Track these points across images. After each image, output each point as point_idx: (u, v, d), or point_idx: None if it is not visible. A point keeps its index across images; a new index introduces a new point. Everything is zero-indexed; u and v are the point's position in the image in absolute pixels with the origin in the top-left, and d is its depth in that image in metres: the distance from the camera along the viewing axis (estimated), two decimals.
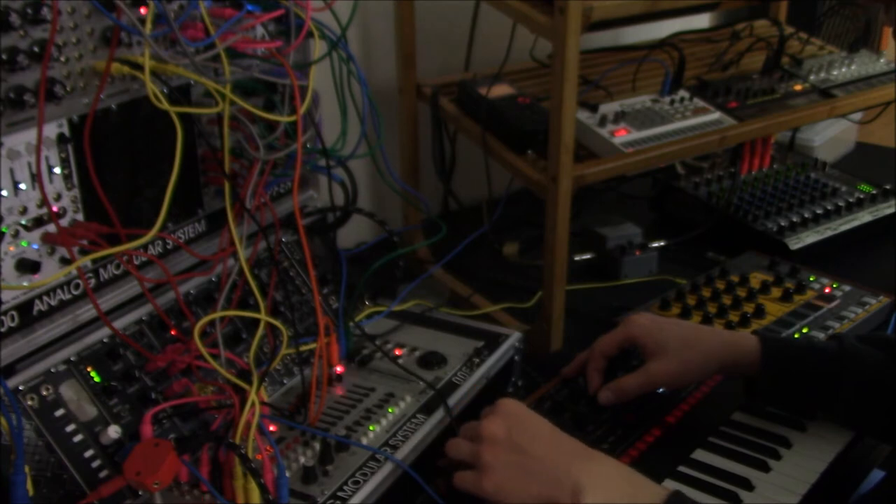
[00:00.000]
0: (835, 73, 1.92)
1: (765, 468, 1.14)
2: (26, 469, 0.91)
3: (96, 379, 1.04)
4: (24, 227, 0.96)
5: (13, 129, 0.92)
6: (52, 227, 0.98)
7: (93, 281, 1.06)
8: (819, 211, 1.86)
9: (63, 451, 0.97)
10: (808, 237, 1.79)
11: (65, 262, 1.00)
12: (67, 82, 0.97)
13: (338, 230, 1.38)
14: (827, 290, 1.58)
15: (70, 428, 0.99)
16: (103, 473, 0.99)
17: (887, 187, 1.97)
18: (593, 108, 1.62)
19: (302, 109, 1.11)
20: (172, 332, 1.13)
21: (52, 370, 1.01)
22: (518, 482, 0.97)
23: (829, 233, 1.81)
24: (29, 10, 0.91)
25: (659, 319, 1.25)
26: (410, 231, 1.77)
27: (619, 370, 1.26)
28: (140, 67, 0.98)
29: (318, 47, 1.13)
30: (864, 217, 1.88)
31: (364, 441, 1.10)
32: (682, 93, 1.73)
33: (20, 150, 0.94)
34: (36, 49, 0.92)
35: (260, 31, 1.16)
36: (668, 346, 1.20)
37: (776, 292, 1.57)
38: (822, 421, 1.22)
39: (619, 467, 0.98)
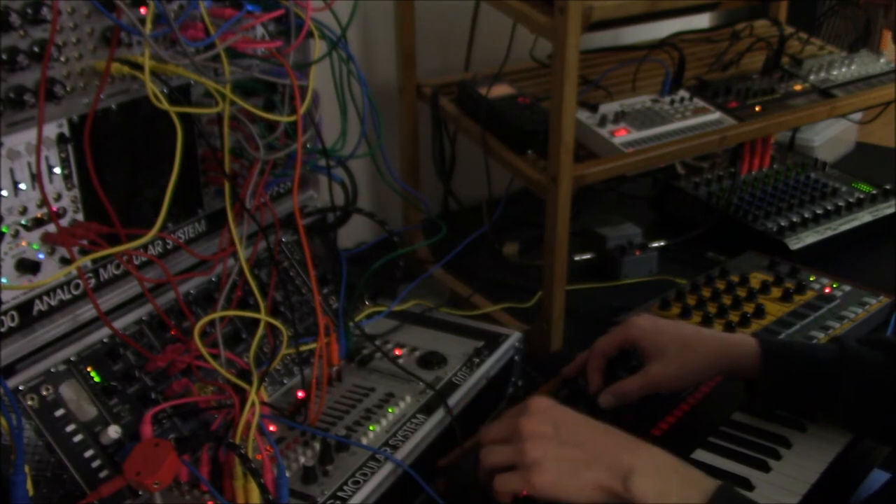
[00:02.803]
0: (835, 73, 1.92)
1: (765, 468, 1.14)
2: (26, 469, 0.91)
3: (96, 379, 1.04)
4: (24, 227, 0.96)
5: (13, 129, 0.92)
6: (52, 227, 0.98)
7: (93, 281, 1.06)
8: (819, 211, 1.86)
9: (63, 451, 0.97)
10: (808, 237, 1.79)
11: (65, 262, 1.00)
12: (67, 82, 0.97)
13: (338, 230, 1.38)
14: (827, 290, 1.58)
15: (70, 428, 0.99)
16: (103, 473, 0.99)
17: (887, 187, 1.97)
18: (593, 108, 1.62)
19: (302, 109, 1.11)
20: (172, 332, 1.13)
21: (52, 370, 1.01)
22: (570, 474, 0.97)
23: (829, 233, 1.81)
24: (29, 10, 0.91)
25: (659, 321, 1.25)
26: (410, 231, 1.77)
27: (620, 370, 1.26)
28: (140, 67, 0.98)
29: (318, 47, 1.13)
30: (864, 217, 1.88)
31: (364, 441, 1.10)
32: (682, 93, 1.73)
33: (20, 150, 0.94)
34: (36, 49, 0.92)
35: (260, 31, 1.16)
36: (667, 348, 1.20)
37: (776, 292, 1.57)
38: (822, 421, 1.22)
39: (667, 455, 0.99)
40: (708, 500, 0.93)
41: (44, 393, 0.99)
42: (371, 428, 1.12)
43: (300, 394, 1.16)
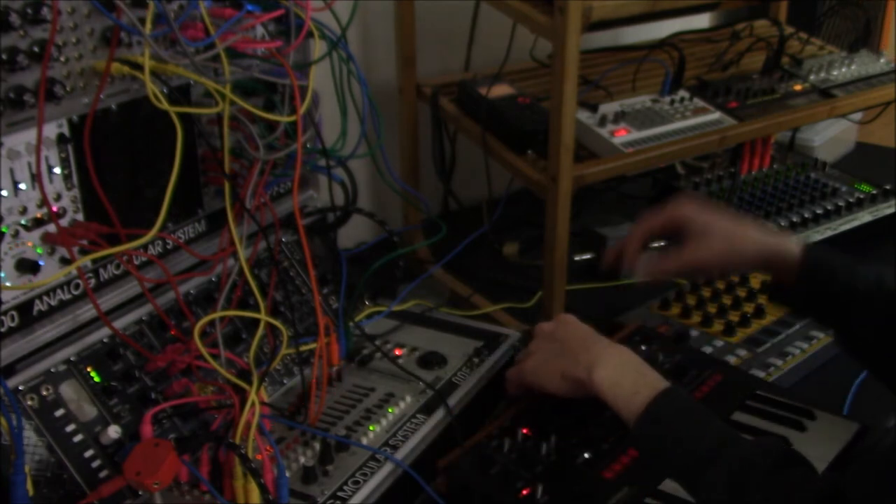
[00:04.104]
0: (835, 73, 1.92)
1: None
2: (26, 469, 0.91)
3: (96, 379, 1.04)
4: (24, 227, 0.96)
5: (13, 129, 0.92)
6: (52, 227, 0.98)
7: (93, 281, 1.06)
8: (819, 211, 1.86)
9: (63, 451, 0.97)
10: (808, 237, 1.78)
11: (65, 262, 1.00)
12: (67, 82, 0.97)
13: (338, 230, 1.38)
14: None
15: (70, 428, 0.99)
16: (103, 473, 0.99)
17: (887, 187, 1.97)
18: (593, 108, 1.62)
19: (302, 109, 1.11)
20: (172, 332, 1.13)
21: (52, 370, 1.01)
22: (547, 362, 1.17)
23: (829, 233, 1.81)
24: (29, 10, 0.91)
25: (706, 208, 1.23)
26: (410, 231, 1.77)
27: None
28: (140, 67, 0.98)
29: (318, 47, 1.13)
30: (864, 217, 1.87)
31: (364, 441, 1.10)
32: (682, 93, 1.72)
33: (20, 150, 0.94)
34: (36, 49, 0.92)
35: (260, 31, 1.16)
36: (714, 228, 1.19)
37: None
38: (822, 421, 1.22)
39: (634, 356, 1.12)
40: (653, 396, 1.03)
41: (44, 393, 0.99)
42: (371, 428, 1.12)
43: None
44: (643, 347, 1.33)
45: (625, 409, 1.05)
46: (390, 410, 1.16)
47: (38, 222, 0.98)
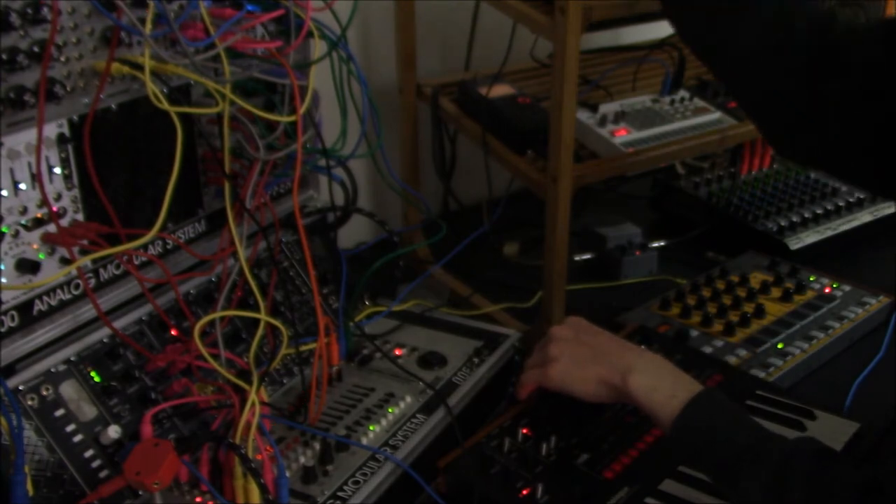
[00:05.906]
0: None
1: None
2: (26, 469, 0.91)
3: (96, 379, 1.04)
4: (24, 227, 0.96)
5: (13, 129, 0.92)
6: (52, 227, 0.98)
7: (93, 281, 1.06)
8: (819, 211, 1.86)
9: (63, 451, 0.97)
10: (808, 237, 1.78)
11: (65, 262, 1.00)
12: (67, 82, 0.97)
13: (338, 230, 1.38)
14: (827, 290, 1.58)
15: (70, 428, 0.99)
16: (103, 473, 0.99)
17: None
18: (593, 108, 1.62)
19: (302, 109, 1.11)
20: (172, 332, 1.13)
21: (52, 370, 1.01)
22: (578, 367, 1.16)
23: (829, 233, 1.81)
24: (29, 10, 0.91)
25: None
26: (410, 231, 1.77)
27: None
28: (140, 67, 0.98)
29: (318, 47, 1.13)
30: (864, 217, 1.87)
31: (364, 441, 1.10)
32: (682, 93, 1.73)
33: (20, 150, 0.94)
34: (36, 49, 0.92)
35: (260, 31, 1.16)
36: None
37: (776, 292, 1.57)
38: (822, 421, 1.22)
39: (667, 361, 1.13)
40: (690, 398, 1.04)
41: (44, 393, 0.99)
42: (371, 428, 1.12)
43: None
44: (643, 347, 1.33)
45: (662, 412, 1.05)
46: (390, 410, 1.16)
47: (38, 222, 0.97)
